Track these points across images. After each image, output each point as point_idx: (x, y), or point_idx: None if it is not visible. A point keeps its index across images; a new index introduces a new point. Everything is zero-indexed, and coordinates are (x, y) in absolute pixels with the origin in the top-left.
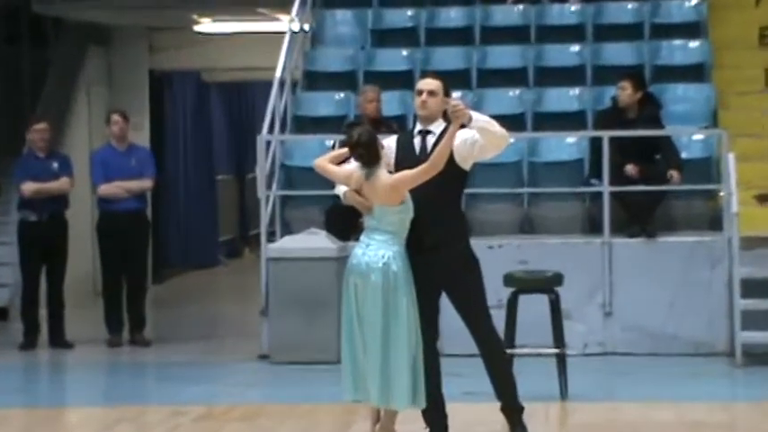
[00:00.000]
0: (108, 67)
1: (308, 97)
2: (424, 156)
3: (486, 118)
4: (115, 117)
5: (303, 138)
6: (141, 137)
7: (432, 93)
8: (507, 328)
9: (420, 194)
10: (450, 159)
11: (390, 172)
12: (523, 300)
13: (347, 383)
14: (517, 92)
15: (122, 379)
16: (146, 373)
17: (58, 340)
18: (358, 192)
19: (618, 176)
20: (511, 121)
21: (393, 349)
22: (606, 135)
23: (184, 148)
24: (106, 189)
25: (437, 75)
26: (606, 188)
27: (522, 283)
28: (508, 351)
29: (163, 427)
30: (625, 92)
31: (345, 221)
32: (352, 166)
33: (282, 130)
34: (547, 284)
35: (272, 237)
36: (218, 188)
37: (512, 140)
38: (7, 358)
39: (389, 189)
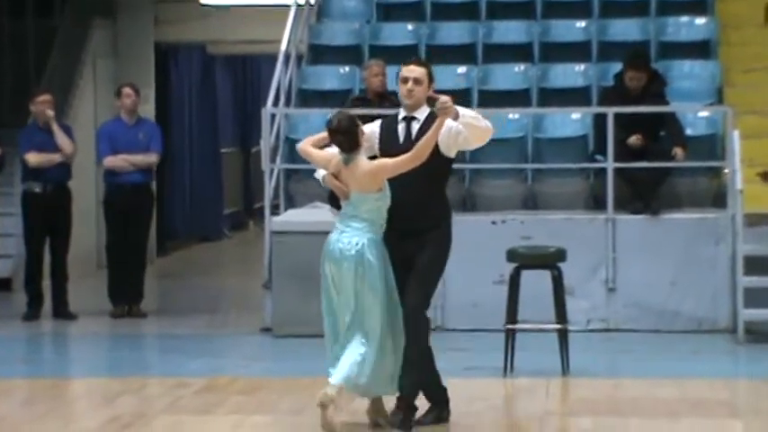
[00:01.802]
0: (113, 39)
1: (313, 71)
2: (409, 142)
3: (473, 113)
4: (127, 90)
5: (308, 111)
6: (146, 109)
7: (417, 81)
8: (509, 304)
9: (405, 180)
10: (435, 148)
11: (374, 157)
12: (526, 275)
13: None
14: (522, 67)
15: (125, 350)
16: (148, 345)
17: (62, 311)
18: (336, 176)
19: (622, 153)
20: (516, 97)
21: (369, 337)
22: (611, 111)
23: (189, 121)
24: (111, 161)
25: (422, 62)
26: (610, 164)
27: (525, 259)
28: (509, 326)
29: (165, 399)
30: (639, 82)
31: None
32: (334, 149)
33: (287, 103)
34: (550, 260)
35: (275, 210)
36: (223, 161)
37: (516, 116)
38: (11, 329)
39: (368, 176)
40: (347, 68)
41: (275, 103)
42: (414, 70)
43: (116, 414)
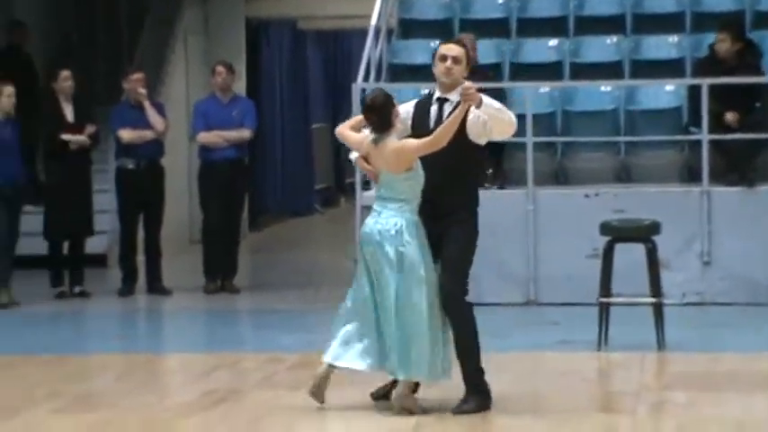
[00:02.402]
0: (205, 16)
1: (404, 45)
2: (439, 124)
3: (498, 105)
4: (219, 68)
5: (398, 86)
6: (238, 86)
7: (456, 59)
8: (603, 277)
9: (437, 164)
10: (464, 135)
11: (410, 136)
12: (620, 249)
13: (364, 351)
14: (615, 39)
15: (219, 326)
16: (242, 320)
17: (156, 287)
18: (366, 159)
19: (717, 124)
20: (608, 69)
21: (410, 319)
22: (705, 83)
23: (280, 97)
24: (205, 137)
25: (461, 42)
26: (705, 136)
27: (619, 232)
28: (603, 300)
29: (259, 374)
30: (724, 44)
31: None
32: (367, 133)
33: (378, 78)
34: (644, 233)
35: (367, 185)
36: (314, 137)
37: (609, 89)
38: (106, 305)
39: (393, 156)
40: (437, 42)
41: (366, 79)
42: (453, 49)
43: (210, 389)
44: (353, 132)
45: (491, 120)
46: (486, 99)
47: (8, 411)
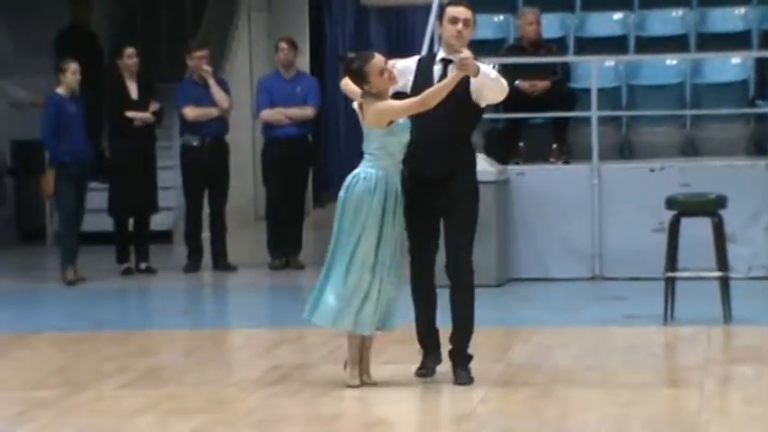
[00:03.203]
0: None
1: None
2: None
3: (494, 74)
4: (282, 45)
5: None
6: (301, 62)
7: (467, 22)
8: (669, 251)
9: (436, 122)
10: (467, 94)
11: (403, 94)
12: (686, 223)
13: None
14: (680, 12)
15: (284, 301)
16: (307, 296)
17: (221, 263)
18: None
19: None
20: (673, 42)
21: (333, 264)
22: None
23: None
24: (268, 114)
25: (470, 4)
26: None
27: (685, 206)
28: (669, 274)
29: (324, 349)
30: None
31: (505, 144)
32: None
33: None
34: (710, 207)
35: None
36: None
37: (674, 62)
38: (172, 281)
39: (374, 114)
40: (501, 17)
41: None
42: (463, 12)
43: (275, 364)
44: (353, 84)
45: (484, 87)
46: (483, 67)
47: (77, 386)
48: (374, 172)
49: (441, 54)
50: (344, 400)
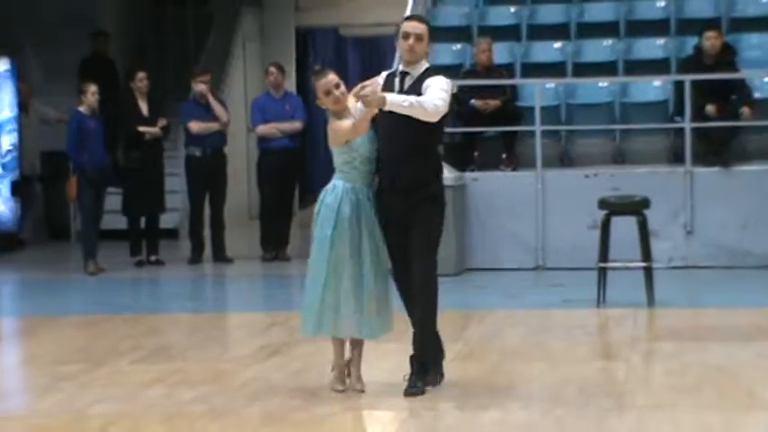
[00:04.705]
0: (260, 25)
1: (430, 48)
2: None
3: (408, 103)
4: (272, 69)
5: None
6: (289, 84)
7: (419, 37)
8: (601, 245)
9: (397, 136)
10: None
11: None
12: (615, 221)
13: None
14: (610, 42)
15: (274, 288)
16: (293, 284)
17: (220, 256)
18: None
19: (698, 114)
20: (605, 68)
21: (313, 276)
22: (688, 79)
23: None
24: (263, 129)
25: (423, 19)
26: (688, 124)
27: (615, 207)
28: (601, 264)
29: None
30: (711, 41)
31: (462, 154)
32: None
33: None
34: (636, 207)
35: None
36: None
37: (605, 84)
38: (178, 271)
39: (330, 133)
40: (459, 46)
41: None
42: (416, 27)
43: (266, 343)
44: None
45: (406, 111)
46: (389, 98)
47: (96, 362)
48: (342, 184)
49: (400, 68)
50: (326, 375)
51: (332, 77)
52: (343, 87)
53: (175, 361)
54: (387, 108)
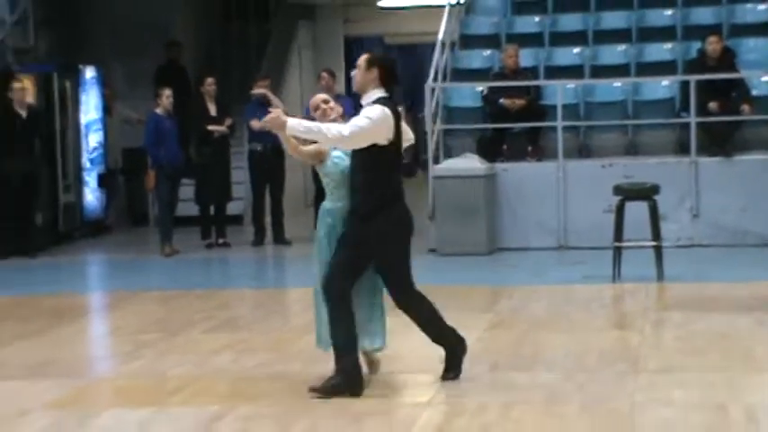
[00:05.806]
0: (314, 35)
1: (463, 54)
2: None
3: (302, 128)
4: (323, 74)
5: (459, 85)
6: (339, 87)
7: (357, 66)
8: (616, 227)
9: (352, 164)
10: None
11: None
12: (629, 205)
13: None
14: (623, 47)
15: None
16: None
17: (280, 239)
18: None
19: (702, 110)
20: (619, 70)
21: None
22: (693, 78)
23: None
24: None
25: (369, 51)
26: (693, 119)
27: (628, 193)
28: (616, 244)
29: None
30: (714, 45)
31: (492, 147)
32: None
33: (444, 79)
34: (647, 193)
35: (437, 160)
36: None
37: (619, 84)
38: (243, 252)
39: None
40: (489, 51)
41: (435, 80)
42: (359, 59)
43: None
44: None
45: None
46: (290, 123)
47: (172, 331)
48: (325, 204)
49: None
50: None
51: (320, 95)
52: (332, 103)
53: (241, 331)
54: (287, 132)
